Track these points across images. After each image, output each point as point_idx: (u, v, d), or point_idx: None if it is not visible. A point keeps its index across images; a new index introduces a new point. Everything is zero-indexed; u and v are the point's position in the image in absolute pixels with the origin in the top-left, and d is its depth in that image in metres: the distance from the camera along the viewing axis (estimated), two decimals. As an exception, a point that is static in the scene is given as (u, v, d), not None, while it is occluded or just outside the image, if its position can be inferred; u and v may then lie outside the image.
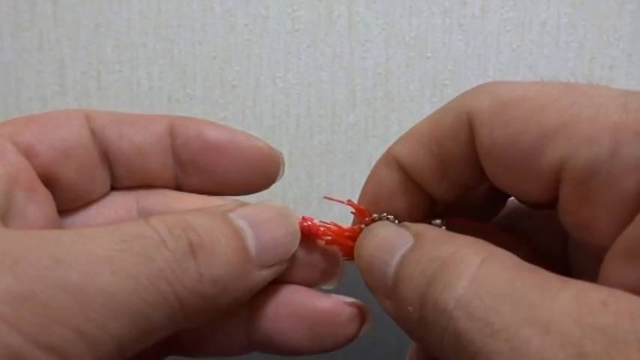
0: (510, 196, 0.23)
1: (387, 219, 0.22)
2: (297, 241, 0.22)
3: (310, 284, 0.23)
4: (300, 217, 0.23)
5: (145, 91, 0.54)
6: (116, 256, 0.16)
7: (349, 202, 0.23)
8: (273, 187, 0.25)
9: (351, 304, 0.23)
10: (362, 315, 0.23)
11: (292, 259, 0.22)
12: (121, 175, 0.24)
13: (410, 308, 0.18)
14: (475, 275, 0.16)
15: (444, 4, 0.53)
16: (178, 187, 0.25)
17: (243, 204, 0.22)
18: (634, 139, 0.16)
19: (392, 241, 0.20)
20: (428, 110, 0.55)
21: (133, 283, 0.16)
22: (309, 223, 0.23)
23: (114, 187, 0.24)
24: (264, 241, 0.20)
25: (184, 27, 0.53)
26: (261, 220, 0.21)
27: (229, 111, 0.54)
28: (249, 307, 0.22)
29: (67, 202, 0.23)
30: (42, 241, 0.16)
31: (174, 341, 0.23)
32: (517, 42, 0.54)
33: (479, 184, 0.21)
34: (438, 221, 0.22)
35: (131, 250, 0.17)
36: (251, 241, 0.20)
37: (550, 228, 0.20)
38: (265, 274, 0.21)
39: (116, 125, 0.23)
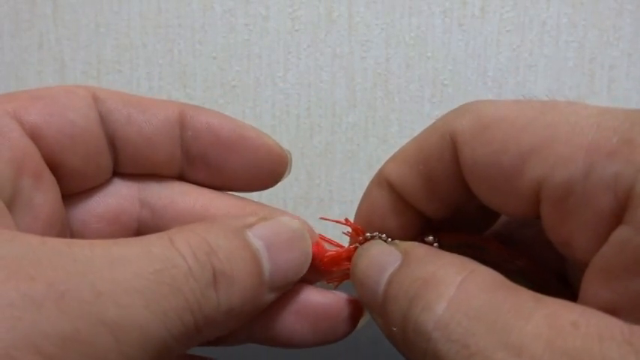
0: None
1: (380, 238, 0.22)
2: (308, 265, 0.22)
3: (312, 282, 0.24)
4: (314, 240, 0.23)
5: (145, 91, 0.54)
6: (149, 287, 0.17)
7: (346, 222, 0.23)
8: (272, 187, 0.25)
9: (350, 300, 0.23)
10: (360, 309, 0.23)
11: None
12: (126, 162, 0.23)
13: (394, 328, 0.18)
14: (454, 296, 0.17)
15: (444, 4, 0.53)
16: (182, 178, 0.24)
17: (262, 219, 0.22)
18: (606, 159, 0.16)
19: (382, 260, 0.20)
20: (428, 110, 0.55)
21: (163, 317, 0.17)
22: (317, 244, 0.23)
23: (115, 172, 0.24)
24: (277, 266, 0.21)
25: (184, 27, 0.53)
26: (277, 243, 0.21)
27: (229, 111, 0.54)
28: None
29: (70, 188, 0.22)
30: (78, 266, 0.16)
31: None
32: (517, 42, 0.54)
33: (468, 201, 0.21)
34: (430, 238, 0.22)
35: (162, 281, 0.17)
36: (266, 265, 0.20)
37: (545, 239, 0.20)
38: (273, 296, 0.21)
39: (125, 109, 0.23)
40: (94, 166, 0.22)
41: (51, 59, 0.53)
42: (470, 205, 0.22)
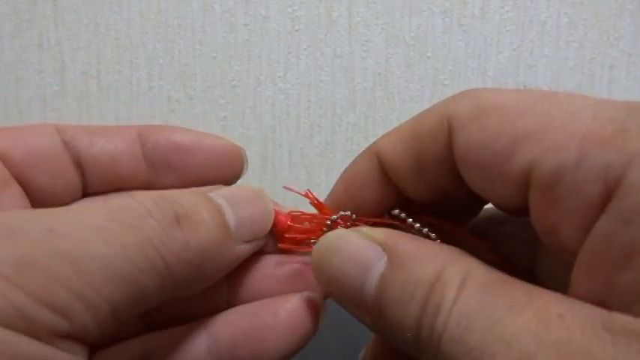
0: (485, 204, 0.24)
1: (345, 216, 0.23)
2: (272, 220, 0.24)
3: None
4: (281, 211, 0.24)
5: (144, 91, 0.54)
6: (105, 225, 0.17)
7: (307, 194, 0.24)
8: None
9: None
10: None
11: (268, 237, 0.24)
12: (94, 181, 0.25)
13: (408, 335, 0.18)
14: (456, 299, 0.17)
15: (444, 4, 0.53)
16: (150, 188, 0.25)
17: (222, 186, 0.23)
18: (599, 147, 0.16)
19: (363, 256, 0.20)
20: (428, 110, 0.54)
21: (123, 250, 0.17)
22: (284, 214, 0.24)
23: (86, 194, 0.25)
24: (242, 218, 0.22)
25: (184, 27, 0.53)
26: (239, 199, 0.22)
27: (229, 111, 0.54)
28: (228, 276, 0.23)
29: (39, 206, 0.23)
30: (35, 215, 0.17)
31: (155, 315, 0.24)
32: (517, 42, 0.54)
33: (453, 188, 0.21)
34: (396, 211, 0.22)
35: (119, 220, 0.18)
36: (230, 217, 0.21)
37: (520, 238, 0.21)
38: (244, 249, 0.22)
39: (86, 135, 0.24)
40: (61, 184, 0.24)
41: (51, 59, 0.53)
42: (453, 194, 0.22)
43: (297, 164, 0.55)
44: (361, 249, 0.20)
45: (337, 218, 0.23)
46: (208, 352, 0.22)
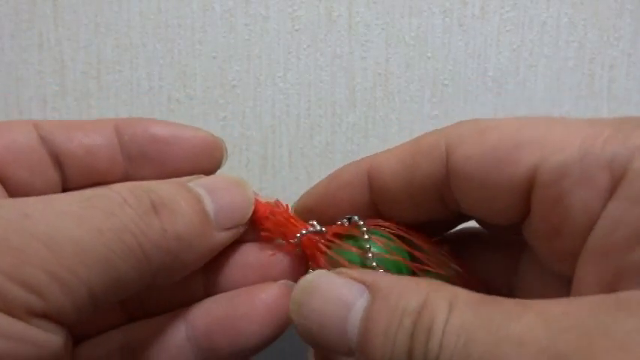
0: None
1: (313, 225, 0.23)
2: (252, 208, 0.24)
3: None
4: (265, 199, 0.24)
5: (145, 91, 0.54)
6: (80, 212, 0.18)
7: (277, 205, 0.24)
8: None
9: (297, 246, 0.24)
10: (305, 259, 0.24)
11: (248, 225, 0.24)
12: (73, 175, 0.25)
13: None
14: (449, 318, 0.17)
15: (444, 4, 0.53)
16: (128, 180, 0.25)
17: (202, 176, 0.24)
18: (602, 143, 0.17)
19: (343, 294, 0.19)
20: (428, 110, 0.54)
21: (99, 235, 0.17)
22: (264, 202, 0.24)
23: (66, 189, 0.25)
24: (221, 206, 0.22)
25: (184, 27, 0.53)
26: (218, 187, 0.22)
27: (229, 111, 0.54)
28: (206, 265, 0.23)
29: None
30: (10, 201, 0.17)
31: (137, 306, 0.24)
32: (517, 42, 0.54)
33: (437, 214, 0.22)
34: (355, 218, 0.22)
35: (94, 207, 0.18)
36: (209, 205, 0.22)
37: (497, 265, 0.22)
38: (224, 236, 0.22)
39: (64, 130, 0.24)
40: (40, 180, 0.24)
41: (51, 59, 0.53)
42: (435, 219, 0.22)
43: (297, 164, 0.55)
44: (342, 287, 0.19)
45: (307, 233, 0.23)
46: (187, 340, 0.23)
